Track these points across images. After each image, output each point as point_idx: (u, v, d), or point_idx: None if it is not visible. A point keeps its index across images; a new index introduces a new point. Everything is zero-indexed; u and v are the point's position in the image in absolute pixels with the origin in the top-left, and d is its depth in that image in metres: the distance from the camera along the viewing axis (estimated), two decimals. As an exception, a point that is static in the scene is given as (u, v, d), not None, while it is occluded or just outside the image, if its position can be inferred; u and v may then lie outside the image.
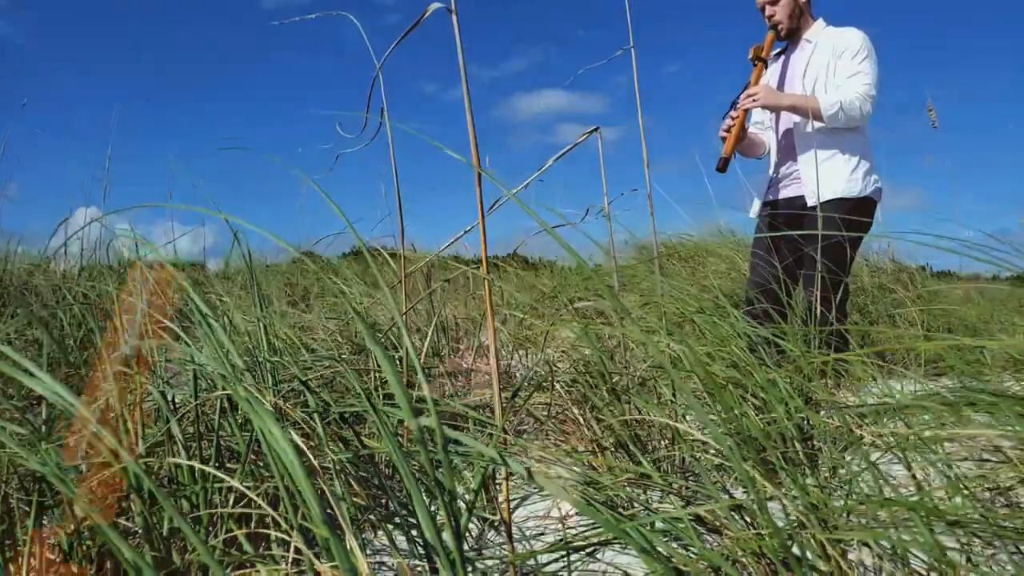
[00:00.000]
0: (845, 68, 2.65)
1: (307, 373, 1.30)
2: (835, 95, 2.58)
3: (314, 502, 0.60)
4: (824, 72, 2.70)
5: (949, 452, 1.24)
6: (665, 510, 1.03)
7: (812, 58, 2.75)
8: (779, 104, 2.66)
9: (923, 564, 0.99)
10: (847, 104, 2.55)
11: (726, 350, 1.48)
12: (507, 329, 2.59)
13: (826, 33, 2.78)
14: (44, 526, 0.98)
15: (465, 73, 1.08)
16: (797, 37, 2.83)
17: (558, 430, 1.56)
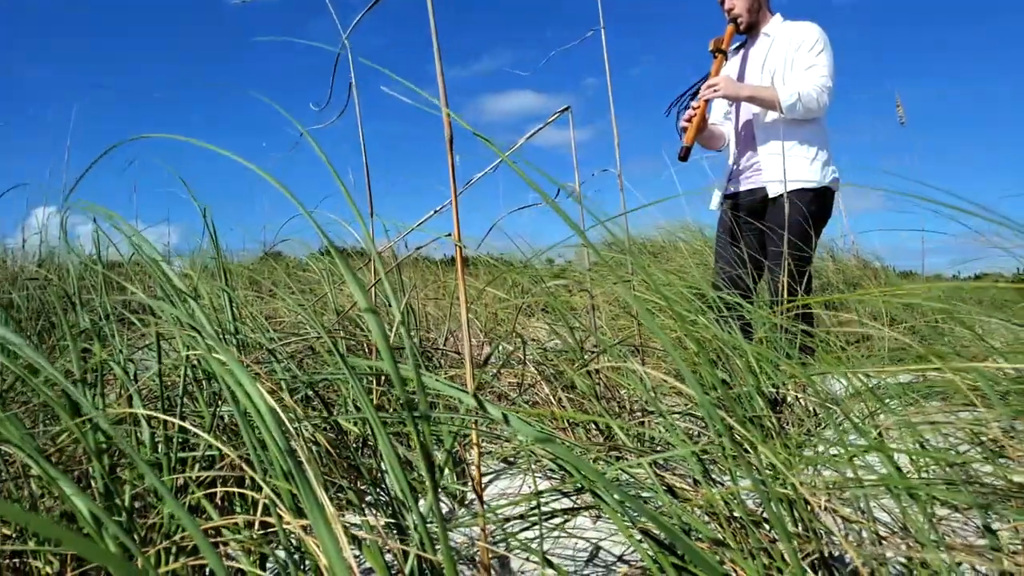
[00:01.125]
0: (802, 61, 2.71)
1: (273, 346, 1.28)
2: (793, 86, 2.64)
3: (282, 444, 0.59)
4: (782, 65, 2.76)
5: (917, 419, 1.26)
6: (635, 472, 1.03)
7: (770, 51, 2.81)
8: (739, 94, 2.71)
9: (886, 527, 1.00)
10: (805, 95, 2.62)
11: (698, 327, 1.50)
12: (480, 321, 2.58)
13: (784, 27, 2.85)
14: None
15: (438, 50, 1.07)
16: (756, 31, 2.89)
17: (528, 411, 1.55)
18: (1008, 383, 1.26)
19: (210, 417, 1.05)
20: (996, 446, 1.18)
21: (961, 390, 1.20)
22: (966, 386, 1.24)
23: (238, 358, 1.18)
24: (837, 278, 4.19)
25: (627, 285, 1.90)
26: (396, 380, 0.61)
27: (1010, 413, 0.94)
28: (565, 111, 1.61)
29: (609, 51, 1.75)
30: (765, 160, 2.79)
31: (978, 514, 0.76)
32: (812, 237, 2.66)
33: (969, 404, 1.22)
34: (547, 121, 1.48)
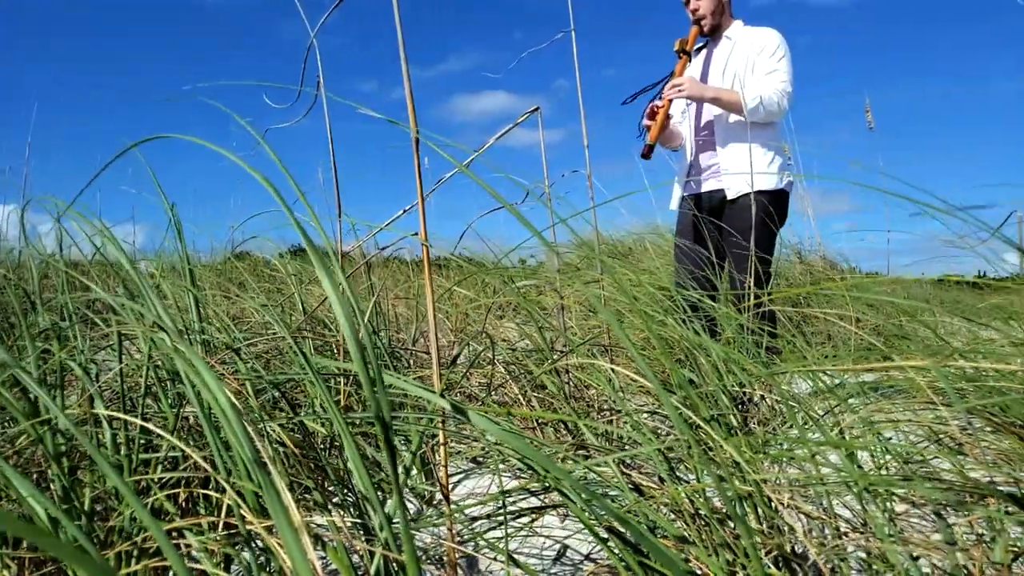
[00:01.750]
0: (764, 65, 2.77)
1: (238, 346, 1.27)
2: (756, 90, 2.70)
3: (245, 443, 0.58)
4: (744, 68, 2.81)
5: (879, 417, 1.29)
6: (601, 471, 1.04)
7: (732, 54, 2.86)
8: (703, 95, 2.75)
9: (848, 523, 1.02)
10: (767, 99, 2.67)
11: (663, 327, 1.51)
12: (450, 321, 2.57)
13: (745, 32, 2.90)
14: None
15: (403, 43, 1.07)
16: (718, 34, 2.94)
17: (496, 410, 1.55)
18: (966, 382, 1.29)
19: (173, 418, 1.04)
20: (955, 443, 1.20)
21: (922, 389, 1.23)
22: (926, 384, 1.26)
23: (202, 358, 1.16)
24: (804, 279, 4.25)
25: (596, 286, 1.91)
26: (364, 380, 0.61)
27: (966, 410, 0.96)
28: (534, 112, 1.61)
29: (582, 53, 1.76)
30: (725, 162, 2.84)
31: (932, 508, 0.77)
32: (773, 238, 2.73)
33: (929, 402, 1.24)
34: (515, 122, 1.48)
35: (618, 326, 0.68)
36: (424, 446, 1.21)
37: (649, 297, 2.15)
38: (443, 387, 1.19)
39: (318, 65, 1.34)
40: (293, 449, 0.95)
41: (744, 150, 2.78)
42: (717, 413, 1.14)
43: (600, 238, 4.98)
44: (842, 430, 0.99)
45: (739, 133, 2.81)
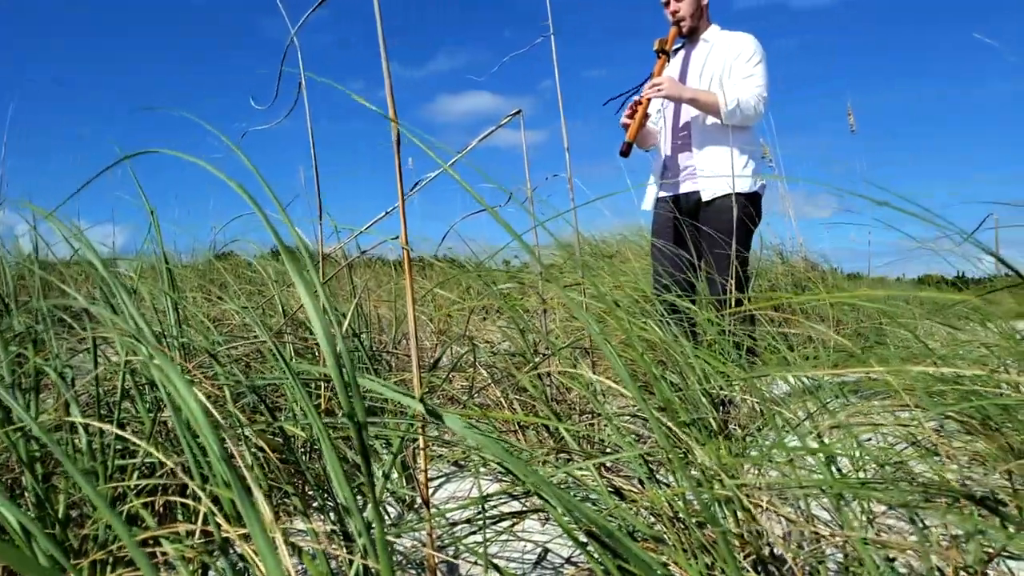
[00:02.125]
0: (740, 70, 2.81)
1: (217, 350, 1.26)
2: (733, 93, 2.73)
3: (217, 450, 0.57)
4: (721, 71, 2.85)
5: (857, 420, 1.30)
6: (581, 474, 1.04)
7: (709, 57, 2.90)
8: (682, 96, 2.77)
9: (827, 525, 1.02)
10: (744, 102, 2.71)
11: (644, 330, 1.51)
12: (432, 323, 2.57)
13: (722, 36, 2.94)
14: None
15: (383, 40, 1.07)
16: (696, 37, 2.98)
17: (479, 413, 1.55)
18: (942, 384, 1.30)
19: (150, 423, 1.03)
20: (931, 444, 1.22)
21: (899, 392, 1.24)
22: (903, 387, 1.28)
23: (180, 363, 1.15)
24: (785, 280, 4.28)
25: (577, 289, 1.91)
26: (339, 386, 0.61)
27: (941, 412, 0.97)
28: (516, 115, 1.61)
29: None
30: (701, 164, 2.87)
31: (907, 511, 0.78)
32: (750, 239, 2.77)
33: (905, 405, 1.26)
34: (498, 124, 1.48)
35: (598, 331, 0.68)
36: (404, 450, 1.21)
37: (630, 300, 2.15)
38: (423, 391, 1.18)
39: (300, 66, 1.33)
40: (271, 455, 0.94)
41: (720, 152, 2.83)
42: (696, 417, 1.15)
43: (584, 239, 4.99)
44: (819, 434, 1.00)
45: (715, 135, 2.85)
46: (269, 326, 1.81)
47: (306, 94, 1.33)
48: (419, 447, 1.07)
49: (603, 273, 3.71)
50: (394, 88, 1.05)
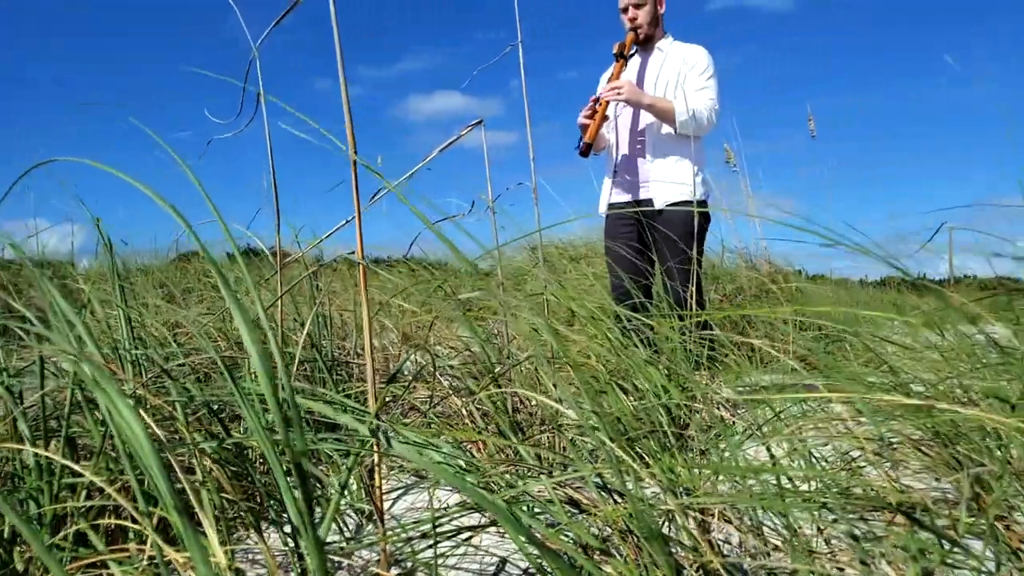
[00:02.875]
0: (694, 82, 2.89)
1: (171, 364, 1.24)
2: (688, 103, 2.79)
3: (159, 475, 0.57)
4: (675, 80, 2.92)
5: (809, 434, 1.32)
6: (532, 489, 1.05)
7: (664, 66, 2.96)
8: (640, 101, 2.81)
9: (779, 538, 1.04)
10: (699, 113, 2.79)
11: (604, 341, 1.52)
12: (396, 327, 2.56)
13: (676, 46, 3.01)
14: None
15: (340, 52, 1.06)
16: (651, 45, 3.03)
17: (441, 422, 1.55)
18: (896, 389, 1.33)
19: (100, 438, 1.01)
20: (878, 457, 1.24)
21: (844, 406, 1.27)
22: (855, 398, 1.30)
23: (128, 379, 1.14)
24: (749, 283, 4.34)
25: (550, 294, 1.92)
26: (275, 410, 0.60)
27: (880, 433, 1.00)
28: (478, 124, 1.61)
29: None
30: (655, 171, 2.92)
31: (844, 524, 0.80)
32: (702, 245, 2.86)
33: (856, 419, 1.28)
34: (458, 135, 1.48)
35: (556, 345, 0.68)
36: (360, 464, 1.20)
37: (593, 307, 2.16)
38: (379, 406, 1.18)
39: (259, 80, 1.32)
40: (219, 477, 0.93)
41: (672, 160, 2.90)
42: (649, 431, 1.16)
43: (551, 242, 5.00)
44: (769, 448, 1.02)
45: (667, 143, 2.92)
46: (228, 334, 1.79)
47: (265, 106, 1.31)
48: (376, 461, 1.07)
49: (571, 272, 3.73)
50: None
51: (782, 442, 1.31)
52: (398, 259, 5.22)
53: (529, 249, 4.70)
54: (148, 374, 1.16)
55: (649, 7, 2.93)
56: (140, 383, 1.02)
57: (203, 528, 0.75)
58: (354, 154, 0.97)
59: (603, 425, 0.73)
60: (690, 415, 1.51)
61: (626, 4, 2.95)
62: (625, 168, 3.03)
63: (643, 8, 2.92)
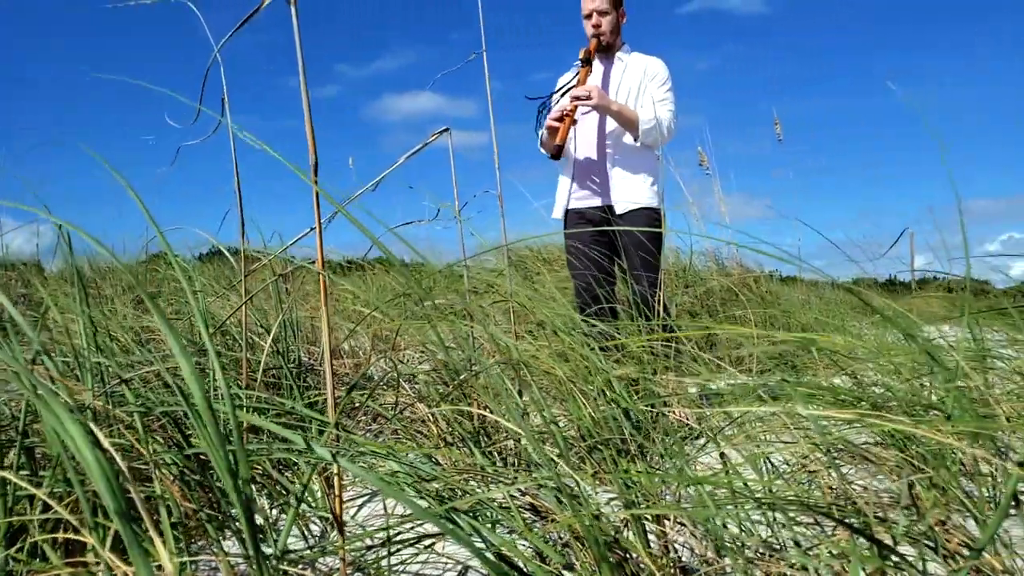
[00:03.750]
0: (655, 93, 2.95)
1: (134, 373, 1.23)
2: (651, 113, 2.85)
3: (105, 489, 0.57)
4: (636, 90, 2.98)
5: (769, 436, 1.35)
6: (492, 496, 1.06)
7: (625, 75, 3.02)
8: (608, 108, 2.86)
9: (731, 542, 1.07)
10: (660, 123, 2.88)
11: (571, 347, 1.54)
12: (366, 332, 2.56)
13: (635, 56, 3.06)
14: None
15: (303, 67, 1.07)
16: (611, 53, 3.08)
17: (406, 429, 1.56)
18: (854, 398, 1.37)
19: (57, 450, 1.01)
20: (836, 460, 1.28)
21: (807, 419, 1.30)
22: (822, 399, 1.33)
23: (90, 387, 1.13)
24: (721, 287, 4.39)
25: (521, 297, 1.93)
26: (208, 434, 0.61)
27: (828, 442, 1.02)
28: (444, 132, 1.63)
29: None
30: (616, 178, 2.97)
31: (791, 537, 0.82)
32: (660, 250, 2.94)
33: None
34: (424, 143, 1.49)
35: (518, 356, 0.70)
36: (321, 474, 1.21)
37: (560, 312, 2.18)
38: (343, 413, 1.18)
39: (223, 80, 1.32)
40: (177, 487, 0.94)
41: (632, 167, 2.97)
42: (604, 439, 1.18)
43: (525, 245, 5.02)
44: (723, 455, 1.04)
45: (628, 151, 2.98)
46: (194, 340, 1.78)
47: (230, 118, 1.32)
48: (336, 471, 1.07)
49: (543, 281, 3.75)
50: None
51: (740, 448, 1.34)
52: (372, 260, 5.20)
53: (501, 253, 4.72)
54: (109, 383, 1.16)
55: (612, 16, 2.98)
56: (99, 393, 1.02)
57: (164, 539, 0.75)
58: (315, 181, 0.98)
59: (557, 436, 0.75)
60: (653, 421, 1.54)
61: (591, 11, 2.98)
62: (586, 173, 3.07)
63: (607, 16, 2.97)
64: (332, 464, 1.03)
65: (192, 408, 0.74)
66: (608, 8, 2.97)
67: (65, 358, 1.33)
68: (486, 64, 1.76)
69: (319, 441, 1.27)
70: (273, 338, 1.57)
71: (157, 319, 0.52)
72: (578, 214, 3.08)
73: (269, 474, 1.36)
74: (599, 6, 2.96)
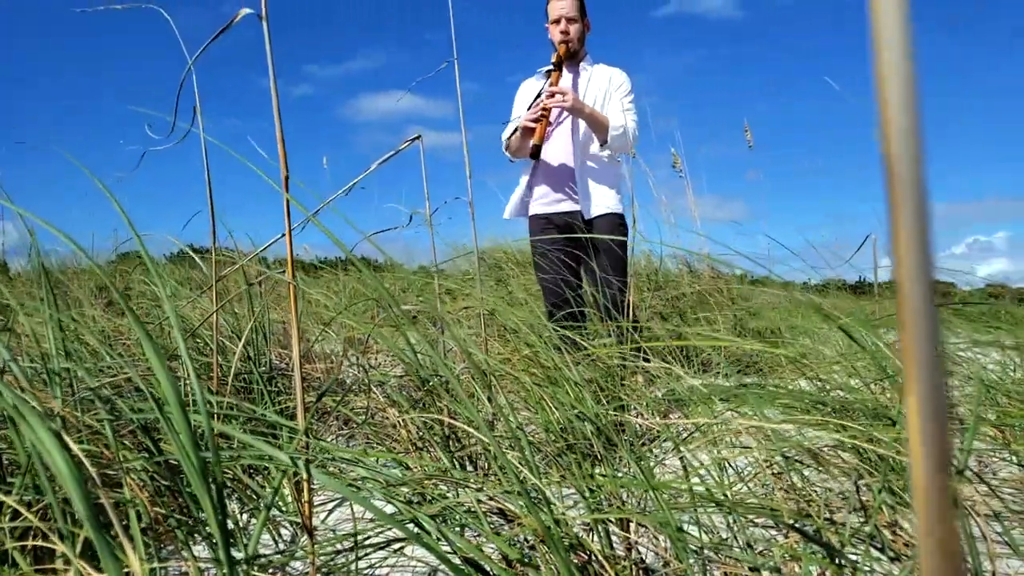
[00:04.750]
0: (620, 103, 3.03)
1: (102, 379, 1.24)
2: (621, 120, 2.91)
3: (80, 499, 0.59)
4: (601, 99, 3.05)
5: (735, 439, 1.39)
6: (461, 502, 1.09)
7: (590, 85, 3.09)
8: (582, 111, 2.91)
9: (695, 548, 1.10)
10: (628, 130, 2.94)
11: (537, 354, 1.57)
12: (338, 335, 2.57)
13: (598, 67, 3.15)
14: None
15: (275, 83, 1.08)
16: (576, 61, 3.12)
17: (377, 433, 1.58)
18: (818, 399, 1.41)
19: (26, 457, 1.01)
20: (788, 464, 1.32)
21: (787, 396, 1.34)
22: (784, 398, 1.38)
23: (59, 395, 1.14)
24: (691, 289, 4.45)
25: (495, 300, 1.96)
26: (182, 444, 0.63)
27: (777, 449, 1.06)
28: (416, 140, 1.65)
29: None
30: (585, 184, 3.03)
31: (745, 540, 0.86)
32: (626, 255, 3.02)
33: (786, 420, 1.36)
34: (395, 150, 1.51)
35: (485, 366, 0.72)
36: (290, 480, 1.23)
37: (530, 317, 2.21)
38: (309, 422, 1.20)
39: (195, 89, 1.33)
40: (147, 493, 0.95)
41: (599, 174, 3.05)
42: (567, 446, 1.21)
43: (500, 247, 5.05)
44: (683, 459, 1.08)
45: (596, 157, 3.05)
46: (168, 346, 1.78)
47: (202, 123, 1.32)
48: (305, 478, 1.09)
49: (516, 283, 3.78)
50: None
51: (703, 451, 1.38)
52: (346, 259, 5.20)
53: (482, 253, 4.74)
54: (78, 389, 1.16)
55: (579, 25, 3.06)
56: (69, 401, 1.02)
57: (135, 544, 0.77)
58: (287, 189, 1.00)
59: (523, 442, 0.77)
60: (619, 426, 1.57)
61: (560, 16, 3.03)
62: (555, 178, 3.11)
63: (574, 24, 3.04)
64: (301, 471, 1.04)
65: (166, 417, 0.76)
66: (576, 16, 3.04)
67: (33, 363, 1.33)
68: (457, 73, 1.78)
69: (289, 447, 1.29)
70: (244, 342, 1.57)
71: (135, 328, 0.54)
72: (545, 219, 3.12)
73: (239, 478, 1.37)
74: (568, 13, 3.01)
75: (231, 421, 1.37)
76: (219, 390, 1.42)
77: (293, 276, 1.05)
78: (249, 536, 1.39)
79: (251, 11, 1.11)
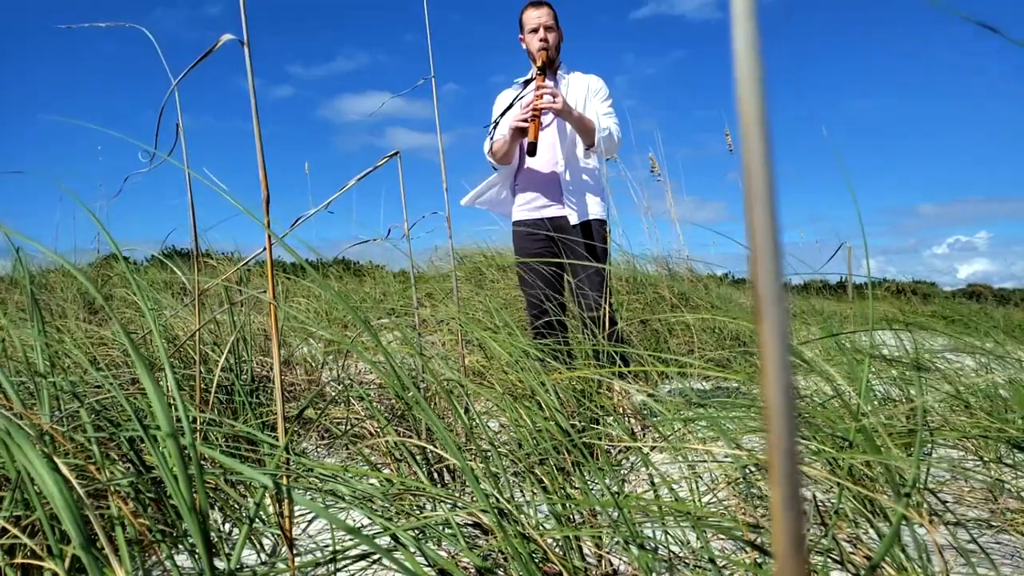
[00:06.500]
0: (599, 107, 3.07)
1: (87, 394, 1.26)
2: (603, 123, 2.95)
3: (70, 521, 0.62)
4: (581, 106, 3.08)
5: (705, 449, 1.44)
6: (435, 516, 1.12)
7: (569, 92, 3.14)
8: (570, 113, 2.94)
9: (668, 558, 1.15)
10: (613, 133, 2.99)
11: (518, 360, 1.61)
12: (319, 341, 2.59)
13: (575, 74, 3.20)
14: None
15: (256, 111, 1.12)
16: (553, 68, 3.16)
17: (355, 444, 1.61)
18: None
19: (15, 472, 1.04)
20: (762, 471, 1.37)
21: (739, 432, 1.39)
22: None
23: (46, 411, 1.16)
24: (671, 292, 4.51)
25: (475, 309, 1.99)
26: (168, 465, 0.66)
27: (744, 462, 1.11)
28: (395, 155, 1.68)
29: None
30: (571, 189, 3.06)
31: (708, 556, 0.90)
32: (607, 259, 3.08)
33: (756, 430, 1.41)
34: (374, 166, 1.55)
35: (459, 380, 0.76)
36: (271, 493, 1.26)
37: (512, 322, 2.25)
38: (289, 438, 1.23)
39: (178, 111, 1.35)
40: (131, 507, 0.98)
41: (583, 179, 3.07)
42: (540, 459, 1.25)
43: (481, 251, 5.08)
44: (650, 473, 1.12)
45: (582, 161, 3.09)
46: (150, 357, 1.80)
47: (184, 140, 1.35)
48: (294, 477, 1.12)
49: (497, 288, 3.81)
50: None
51: (673, 462, 1.42)
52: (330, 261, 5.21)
53: (459, 258, 4.77)
54: (64, 402, 1.19)
55: (557, 33, 3.11)
56: (56, 417, 1.05)
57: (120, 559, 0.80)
58: (268, 226, 1.03)
59: (495, 458, 0.81)
60: (588, 446, 1.62)
61: (538, 25, 3.07)
62: (539, 183, 3.14)
63: (553, 32, 3.09)
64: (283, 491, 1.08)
65: (151, 438, 0.79)
66: (553, 24, 3.09)
67: (19, 377, 1.36)
68: (435, 94, 1.82)
69: (271, 460, 1.32)
70: (226, 353, 1.60)
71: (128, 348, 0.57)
72: (530, 225, 3.14)
73: (222, 488, 1.40)
74: (546, 21, 3.06)
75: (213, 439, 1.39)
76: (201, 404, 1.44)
77: (274, 296, 1.08)
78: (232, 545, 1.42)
79: (233, 37, 1.15)
